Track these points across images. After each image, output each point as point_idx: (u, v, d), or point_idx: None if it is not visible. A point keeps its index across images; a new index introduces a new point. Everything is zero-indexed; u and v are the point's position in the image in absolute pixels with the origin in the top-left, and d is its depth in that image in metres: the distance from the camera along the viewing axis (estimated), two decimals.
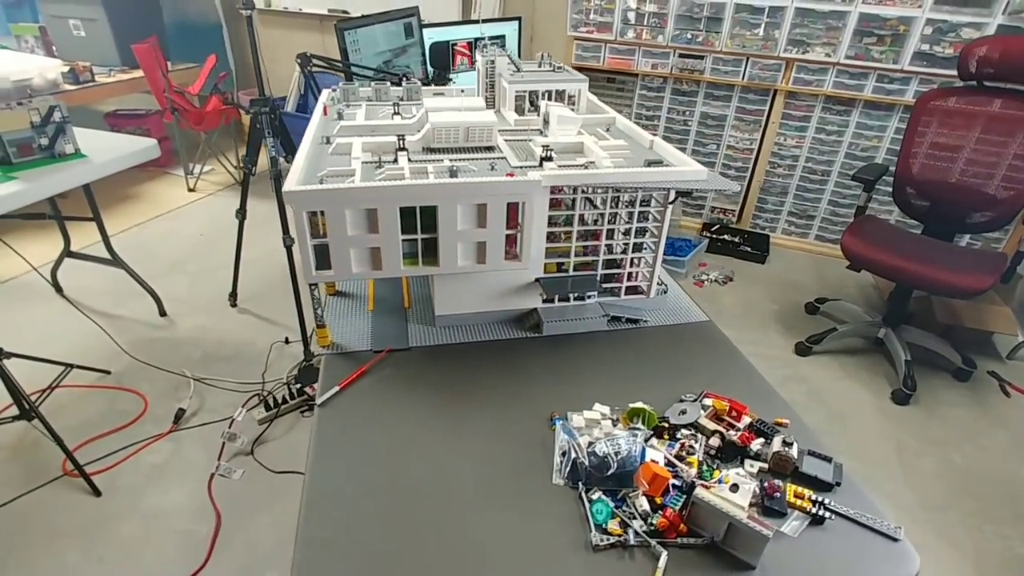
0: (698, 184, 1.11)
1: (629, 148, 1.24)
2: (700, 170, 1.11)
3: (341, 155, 1.16)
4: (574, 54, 3.46)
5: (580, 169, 1.11)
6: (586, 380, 1.10)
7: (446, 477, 0.88)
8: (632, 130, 1.35)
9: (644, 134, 1.30)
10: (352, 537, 0.79)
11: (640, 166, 1.13)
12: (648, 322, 1.26)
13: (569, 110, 1.30)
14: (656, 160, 1.16)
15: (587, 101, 1.53)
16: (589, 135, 1.29)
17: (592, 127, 1.39)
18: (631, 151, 1.22)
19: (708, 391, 1.05)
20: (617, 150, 1.21)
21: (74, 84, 3.43)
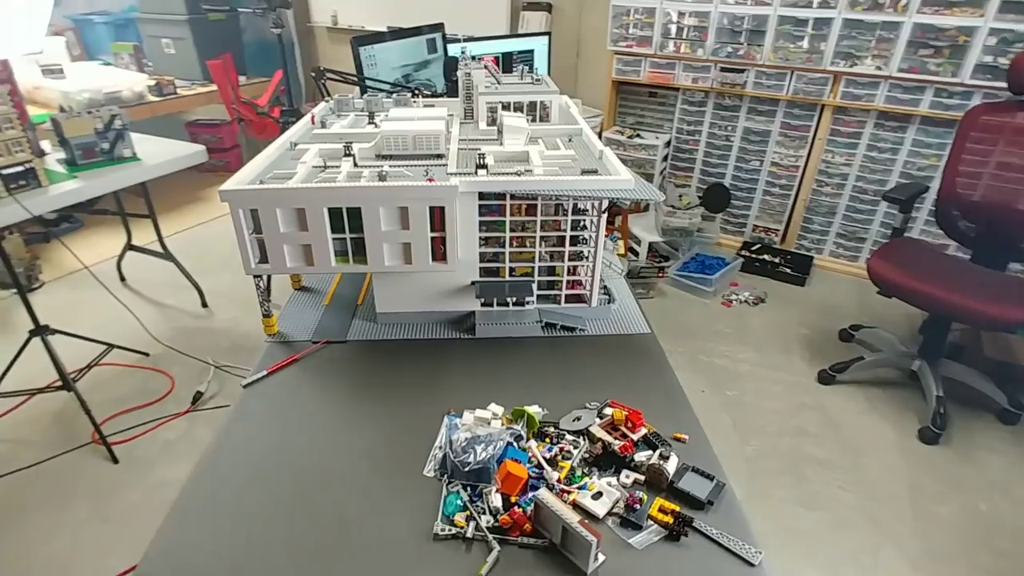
0: (623, 193, 1.11)
1: (577, 158, 1.25)
2: (626, 179, 1.11)
3: (298, 160, 1.26)
4: (614, 68, 3.46)
5: (513, 176, 1.14)
6: (504, 383, 1.12)
7: (334, 462, 0.94)
8: (592, 142, 1.36)
9: (597, 145, 1.31)
10: (226, 509, 0.85)
11: (577, 175, 1.15)
12: (584, 331, 1.26)
13: (523, 120, 1.33)
14: (591, 169, 1.17)
15: (562, 112, 1.56)
16: (546, 145, 1.32)
17: (554, 137, 1.41)
18: (577, 161, 1.24)
19: (614, 400, 1.04)
20: (559, 159, 1.23)
21: (158, 96, 3.82)
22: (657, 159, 3.47)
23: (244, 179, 1.11)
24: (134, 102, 3.62)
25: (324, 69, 2.00)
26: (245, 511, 0.85)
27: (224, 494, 0.88)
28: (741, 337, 2.70)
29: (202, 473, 0.91)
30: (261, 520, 0.83)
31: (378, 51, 2.19)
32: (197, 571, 0.76)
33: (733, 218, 3.53)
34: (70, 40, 4.57)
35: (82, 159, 2.28)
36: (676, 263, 3.16)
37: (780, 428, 2.18)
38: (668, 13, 3.17)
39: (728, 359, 2.55)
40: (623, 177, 1.12)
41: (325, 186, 1.06)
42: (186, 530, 0.82)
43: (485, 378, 1.13)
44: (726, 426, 2.19)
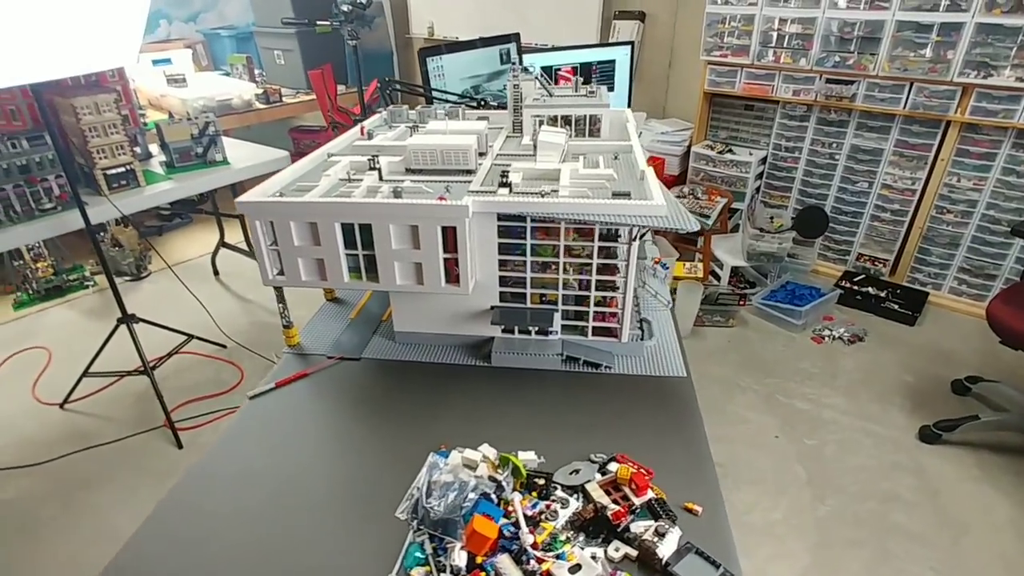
0: (653, 221, 0.99)
1: (615, 179, 1.15)
2: (657, 205, 0.99)
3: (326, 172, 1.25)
4: (707, 79, 3.25)
5: (535, 198, 1.06)
6: (508, 420, 1.04)
7: (312, 489, 0.90)
8: (638, 161, 1.24)
9: (640, 165, 1.19)
10: (197, 524, 0.84)
11: (607, 198, 1.04)
12: (611, 369, 1.15)
13: (560, 136, 1.24)
14: (623, 192, 1.06)
15: (617, 127, 1.45)
16: (587, 163, 1.22)
17: (599, 154, 1.31)
18: (614, 182, 1.13)
19: (623, 455, 0.92)
20: (592, 179, 1.13)
21: (265, 104, 4.09)
22: (750, 177, 3.22)
23: (268, 190, 1.11)
24: (243, 109, 3.90)
25: (390, 79, 2.01)
26: (211, 528, 0.83)
27: (201, 507, 0.86)
28: (830, 379, 2.41)
29: (184, 483, 0.91)
30: (223, 541, 0.81)
31: (446, 62, 2.18)
32: None
33: (834, 244, 3.19)
34: (199, 52, 5.04)
35: (179, 162, 2.46)
36: (762, 291, 2.90)
37: (865, 489, 1.91)
38: (769, 20, 2.93)
39: (811, 403, 2.28)
40: (655, 203, 1.00)
41: (336, 201, 1.04)
42: (154, 542, 0.81)
43: (490, 412, 1.05)
44: (798, 479, 1.95)
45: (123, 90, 2.48)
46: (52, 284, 2.93)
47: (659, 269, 1.48)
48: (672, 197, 1.08)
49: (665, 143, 3.50)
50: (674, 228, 0.98)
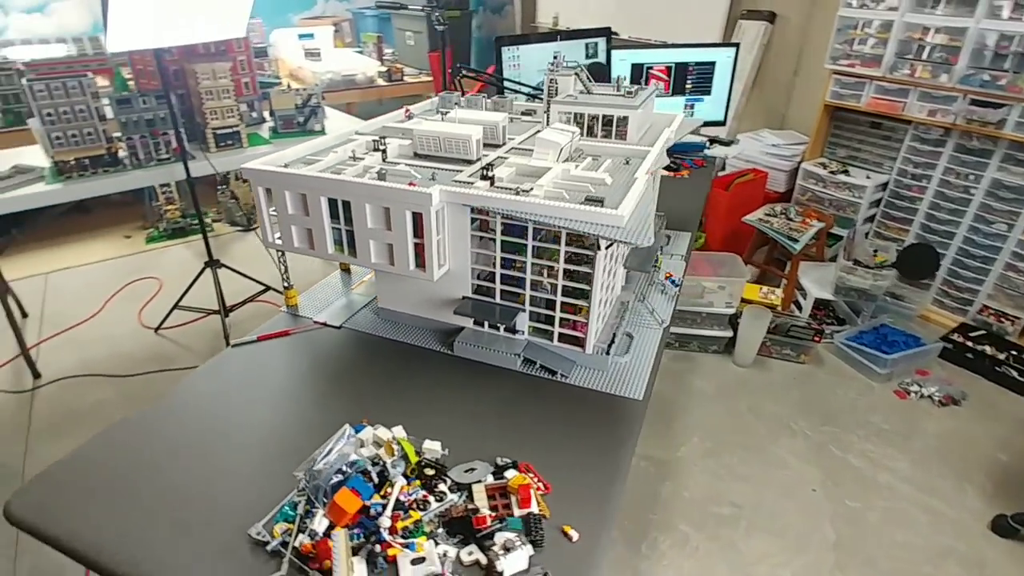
0: (608, 232, 0.94)
1: (605, 184, 1.10)
2: (614, 216, 0.94)
3: (338, 148, 1.32)
4: (830, 90, 2.95)
5: (504, 194, 1.05)
6: (445, 408, 1.05)
7: (249, 432, 0.98)
8: (642, 168, 1.18)
9: (639, 173, 1.13)
10: (126, 455, 0.95)
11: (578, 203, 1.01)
12: (566, 378, 1.11)
13: (561, 135, 1.21)
14: (596, 199, 1.02)
15: (651, 131, 1.39)
16: (589, 166, 1.19)
17: (607, 157, 1.26)
18: (599, 188, 1.09)
19: (529, 464, 0.90)
20: (576, 182, 1.10)
21: (387, 81, 4.35)
22: (863, 203, 2.90)
23: (278, 160, 1.21)
24: (365, 85, 4.18)
25: (461, 66, 2.06)
26: (142, 460, 0.93)
27: (153, 429, 0.98)
28: (901, 440, 2.13)
29: (138, 417, 1.03)
30: (150, 471, 0.91)
31: (523, 52, 2.18)
32: (63, 509, 0.86)
33: (955, 291, 2.78)
34: (344, 29, 5.46)
35: (282, 128, 2.71)
36: (849, 330, 2.60)
37: (900, 569, 1.68)
38: (910, 28, 2.59)
39: (869, 461, 2.03)
40: (613, 212, 0.95)
41: (320, 176, 1.10)
42: (98, 449, 0.94)
43: (431, 398, 1.07)
44: (825, 541, 1.75)
45: (247, 59, 2.78)
46: (178, 225, 3.37)
47: (668, 285, 1.39)
48: (650, 209, 1.01)
49: (774, 156, 3.24)
50: (628, 241, 0.93)
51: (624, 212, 0.95)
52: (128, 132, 2.27)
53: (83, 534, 0.80)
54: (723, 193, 3.05)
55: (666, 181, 2.18)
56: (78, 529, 0.81)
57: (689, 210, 1.91)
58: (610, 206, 0.98)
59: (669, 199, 1.99)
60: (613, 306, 1.27)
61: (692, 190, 2.10)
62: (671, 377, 2.44)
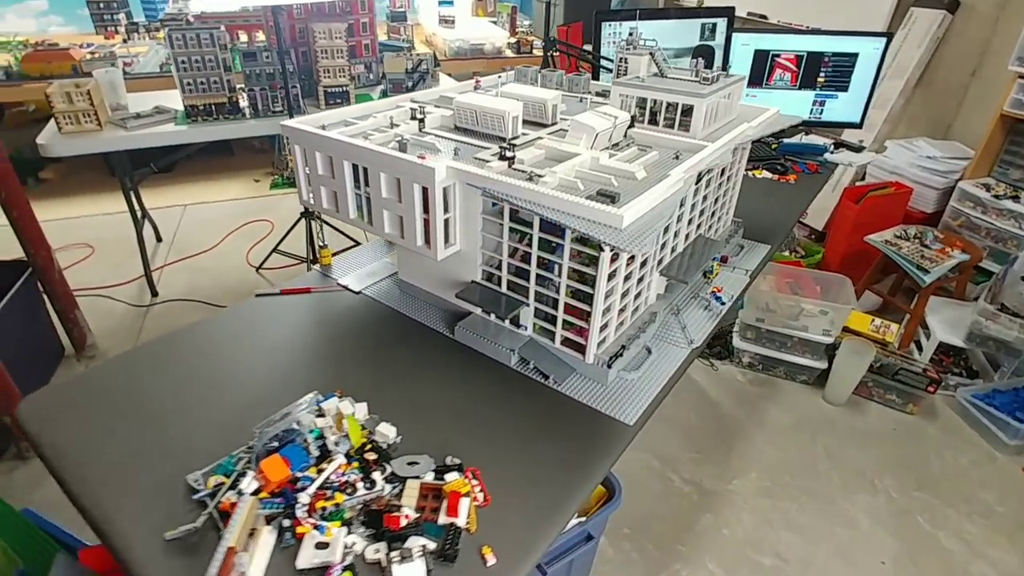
0: (602, 233, 0.83)
1: (634, 179, 0.99)
2: (614, 215, 0.83)
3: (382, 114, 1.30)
4: (1011, 97, 2.46)
5: (513, 179, 0.98)
6: (426, 390, 1.01)
7: (238, 379, 1.02)
8: (686, 166, 1.04)
9: (676, 172, 1.00)
10: (126, 388, 1.03)
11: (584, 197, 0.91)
12: (559, 385, 1.02)
13: (601, 120, 1.09)
14: (608, 195, 0.91)
15: (710, 123, 1.23)
16: (632, 157, 1.08)
17: (657, 148, 1.13)
18: (625, 182, 0.98)
19: (476, 470, 0.84)
20: (597, 174, 0.99)
21: (515, 53, 4.32)
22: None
23: (319, 120, 1.22)
24: (492, 55, 4.19)
25: (555, 40, 1.97)
26: (139, 388, 1.00)
27: (143, 367, 1.05)
28: (1017, 529, 1.76)
29: (154, 344, 1.10)
30: (141, 400, 0.97)
31: (626, 30, 2.03)
32: (57, 421, 0.95)
33: None
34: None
35: (392, 91, 2.79)
36: (979, 386, 2.19)
37: None
38: None
39: (964, 545, 1.71)
40: (612, 212, 0.84)
41: (343, 140, 1.09)
42: (95, 379, 1.02)
43: (416, 380, 1.04)
44: None
45: (369, 22, 2.88)
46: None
47: (713, 302, 1.23)
48: (664, 215, 0.89)
49: (926, 170, 2.78)
50: (620, 247, 0.81)
51: (627, 214, 0.83)
52: (250, 84, 2.45)
53: (62, 446, 0.88)
54: (852, 206, 2.67)
55: (765, 184, 1.94)
56: (60, 442, 0.88)
57: (780, 221, 1.69)
58: (624, 204, 0.87)
59: (761, 204, 1.77)
60: (640, 315, 1.15)
61: (793, 198, 1.85)
62: (744, 400, 2.21)
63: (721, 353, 2.44)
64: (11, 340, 1.93)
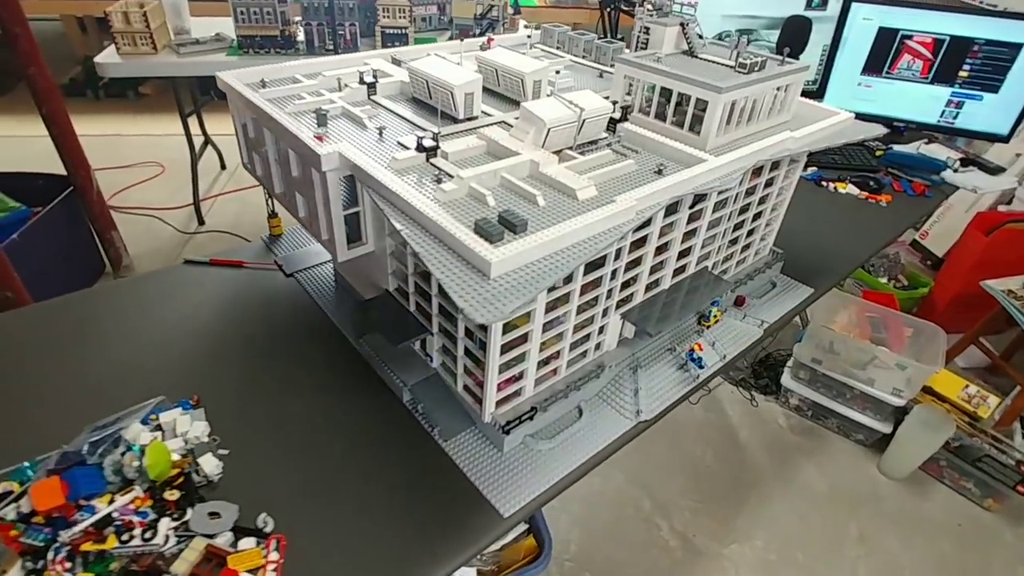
0: (455, 281, 0.61)
1: (573, 196, 0.75)
2: (481, 257, 0.61)
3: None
4: None
5: (432, 183, 0.77)
6: (297, 411, 0.87)
7: (99, 364, 0.93)
8: (679, 180, 0.78)
9: (635, 194, 0.75)
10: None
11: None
12: (444, 441, 0.83)
13: (555, 107, 0.84)
14: (509, 223, 0.68)
15: (737, 127, 0.93)
16: (574, 161, 0.83)
17: (650, 155, 0.87)
18: (561, 206, 0.74)
19: (284, 539, 0.69)
20: (517, 184, 0.76)
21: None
22: None
23: (256, 75, 1.05)
24: (594, 6, 3.80)
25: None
26: (37, 344, 0.94)
27: (54, 322, 0.98)
28: None
29: (76, 298, 1.04)
30: (27, 359, 0.91)
31: None
32: None
33: None
34: None
35: (457, 37, 2.57)
36: None
37: None
38: None
39: None
40: (477, 250, 0.61)
41: (257, 103, 0.92)
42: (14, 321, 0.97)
43: (290, 396, 0.89)
44: None
45: None
46: None
47: (690, 363, 0.96)
48: (568, 265, 0.65)
49: None
50: (460, 309, 0.59)
51: (498, 259, 0.61)
52: (308, 17, 2.34)
53: None
54: (979, 237, 2.15)
55: (845, 202, 1.56)
56: None
57: (845, 255, 1.34)
58: (507, 242, 0.65)
59: (827, 229, 1.42)
60: (585, 364, 0.92)
61: (876, 226, 1.46)
62: (778, 448, 1.89)
63: (768, 387, 2.10)
64: (52, 249, 2.01)
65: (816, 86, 1.85)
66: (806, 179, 1.63)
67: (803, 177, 1.64)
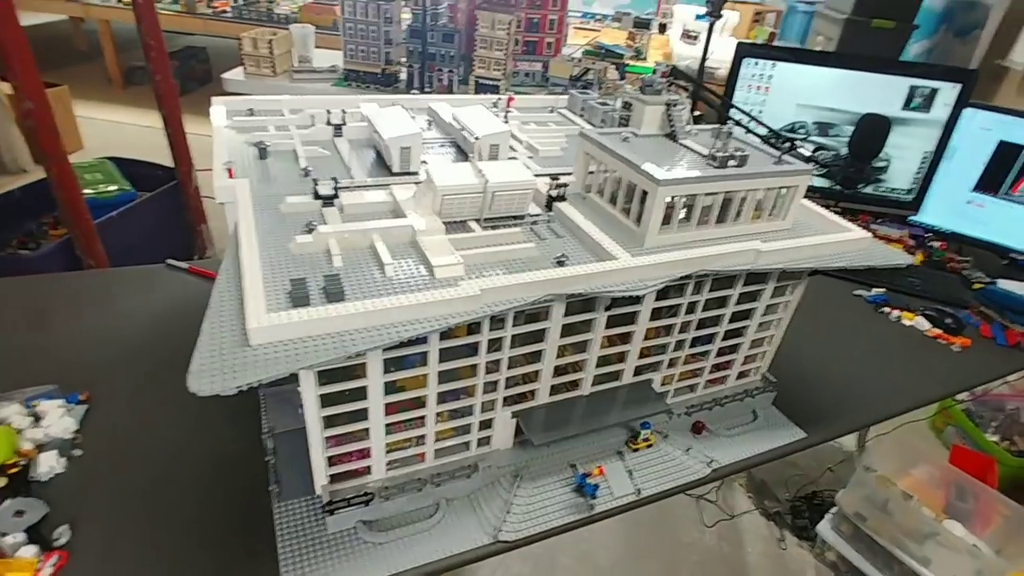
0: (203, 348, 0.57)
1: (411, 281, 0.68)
2: (248, 307, 0.56)
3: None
4: None
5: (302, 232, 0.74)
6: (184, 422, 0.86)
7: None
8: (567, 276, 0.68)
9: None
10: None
11: None
12: (279, 502, 0.77)
13: (468, 174, 0.77)
14: (334, 293, 0.62)
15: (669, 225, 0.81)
16: (467, 241, 0.76)
17: (572, 248, 0.78)
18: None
19: (65, 556, 0.67)
20: (380, 249, 0.70)
21: None
22: None
23: (245, 103, 1.08)
24: (721, 81, 3.65)
25: (675, 68, 1.56)
26: None
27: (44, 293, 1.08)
28: None
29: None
30: None
31: (779, 73, 1.51)
32: None
33: None
34: (767, 19, 4.85)
35: None
36: None
37: None
38: None
39: None
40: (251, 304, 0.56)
41: (216, 133, 0.96)
42: None
43: (168, 407, 0.89)
44: None
45: (558, 20, 2.69)
46: None
47: (592, 484, 0.82)
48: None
49: None
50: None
51: (258, 325, 0.55)
52: (410, 60, 2.49)
53: None
54: None
55: (908, 336, 1.29)
56: None
57: (874, 401, 1.10)
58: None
59: (863, 364, 1.18)
60: (460, 462, 0.82)
61: (935, 374, 1.19)
62: None
63: (805, 530, 1.78)
64: (146, 231, 2.28)
65: (912, 196, 1.59)
66: (865, 300, 1.38)
67: (862, 297, 1.39)
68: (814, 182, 1.55)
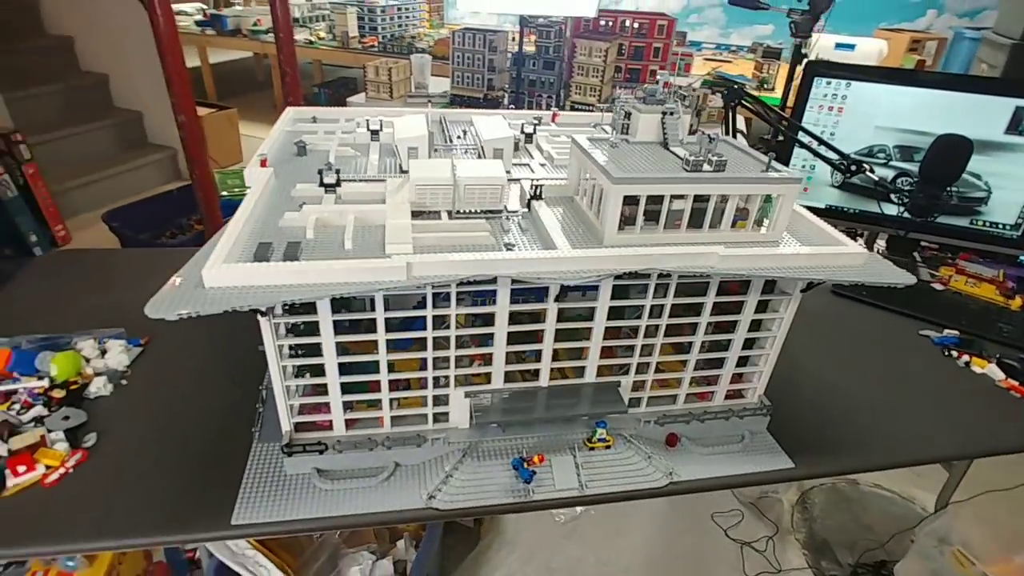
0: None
1: None
2: (213, 252, 0.68)
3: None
4: None
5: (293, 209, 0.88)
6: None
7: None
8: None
9: None
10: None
11: None
12: (257, 441, 0.89)
13: (434, 172, 0.85)
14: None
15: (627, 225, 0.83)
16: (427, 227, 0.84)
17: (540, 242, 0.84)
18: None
19: (86, 456, 0.84)
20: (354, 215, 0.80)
21: None
22: None
23: (313, 111, 1.26)
24: None
25: (740, 87, 1.54)
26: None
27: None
28: None
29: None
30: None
31: (855, 92, 1.41)
32: None
33: None
34: (928, 48, 4.44)
35: None
36: None
37: None
38: None
39: None
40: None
41: (274, 133, 1.13)
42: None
43: (220, 345, 1.06)
44: None
45: (663, 48, 2.70)
46: None
47: (529, 470, 0.84)
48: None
49: None
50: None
51: (212, 269, 0.67)
52: (512, 86, 2.65)
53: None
54: None
55: (975, 384, 1.13)
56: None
57: (901, 443, 0.99)
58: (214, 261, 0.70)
59: (904, 405, 1.07)
60: (414, 432, 0.89)
61: (992, 427, 1.04)
62: None
63: None
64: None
65: (1019, 233, 1.38)
66: (932, 342, 1.23)
67: (929, 338, 1.24)
68: (884, 209, 1.43)
